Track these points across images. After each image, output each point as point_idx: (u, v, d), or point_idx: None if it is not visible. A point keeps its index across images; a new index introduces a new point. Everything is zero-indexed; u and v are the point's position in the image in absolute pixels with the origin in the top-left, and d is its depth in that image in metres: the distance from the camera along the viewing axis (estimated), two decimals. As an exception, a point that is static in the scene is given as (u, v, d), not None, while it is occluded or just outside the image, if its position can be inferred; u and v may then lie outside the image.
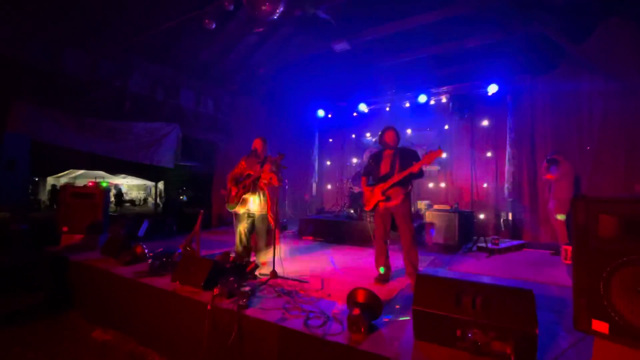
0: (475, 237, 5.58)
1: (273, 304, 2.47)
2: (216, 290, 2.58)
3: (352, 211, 6.46)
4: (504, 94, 6.38)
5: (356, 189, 6.34)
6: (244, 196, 3.50)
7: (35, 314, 3.59)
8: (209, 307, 2.41)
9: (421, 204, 6.26)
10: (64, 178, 16.82)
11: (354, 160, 8.05)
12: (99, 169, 13.66)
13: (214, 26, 4.40)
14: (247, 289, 2.64)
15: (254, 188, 3.51)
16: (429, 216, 5.06)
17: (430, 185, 7.20)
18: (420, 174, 3.03)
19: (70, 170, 16.15)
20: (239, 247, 3.65)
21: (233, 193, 3.59)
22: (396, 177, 3.00)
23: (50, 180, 16.50)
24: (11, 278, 4.29)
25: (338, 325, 2.08)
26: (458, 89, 6.84)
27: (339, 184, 7.65)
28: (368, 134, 8.04)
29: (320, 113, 8.33)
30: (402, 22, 5.56)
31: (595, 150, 5.21)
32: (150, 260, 3.53)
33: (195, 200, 11.99)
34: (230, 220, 7.41)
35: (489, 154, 6.70)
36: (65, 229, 4.29)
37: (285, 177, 5.07)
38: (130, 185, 20.82)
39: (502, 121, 6.46)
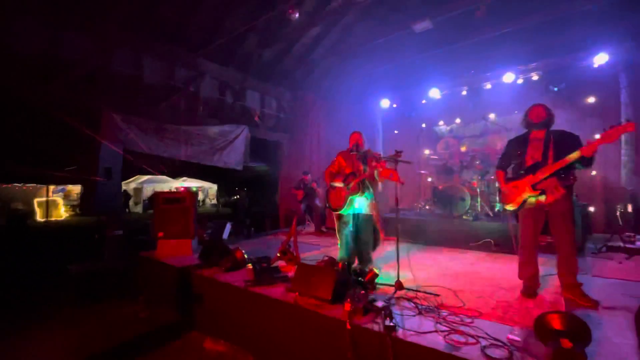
0: (601, 235, 4.78)
1: (421, 324, 2.11)
2: (348, 306, 2.28)
3: (434, 208, 5.92)
4: (614, 64, 5.41)
5: (440, 186, 5.76)
6: (351, 197, 3.21)
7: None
8: (348, 325, 2.11)
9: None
10: (132, 183, 18.13)
11: (426, 151, 7.44)
12: (162, 173, 14.49)
13: (297, 15, 4.15)
14: (380, 304, 2.31)
15: (361, 188, 3.19)
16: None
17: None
18: (590, 161, 2.45)
19: (137, 176, 17.40)
20: (343, 253, 3.35)
21: (337, 194, 3.32)
22: (553, 166, 2.47)
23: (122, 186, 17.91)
24: (111, 283, 4.42)
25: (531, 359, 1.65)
26: (553, 64, 5.94)
27: (417, 177, 7.10)
28: (441, 122, 7.39)
29: (384, 103, 7.82)
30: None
31: None
32: (249, 266, 3.38)
33: (254, 201, 12.13)
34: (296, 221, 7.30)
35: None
36: (160, 234, 4.33)
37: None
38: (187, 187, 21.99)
39: (613, 96, 5.52)
